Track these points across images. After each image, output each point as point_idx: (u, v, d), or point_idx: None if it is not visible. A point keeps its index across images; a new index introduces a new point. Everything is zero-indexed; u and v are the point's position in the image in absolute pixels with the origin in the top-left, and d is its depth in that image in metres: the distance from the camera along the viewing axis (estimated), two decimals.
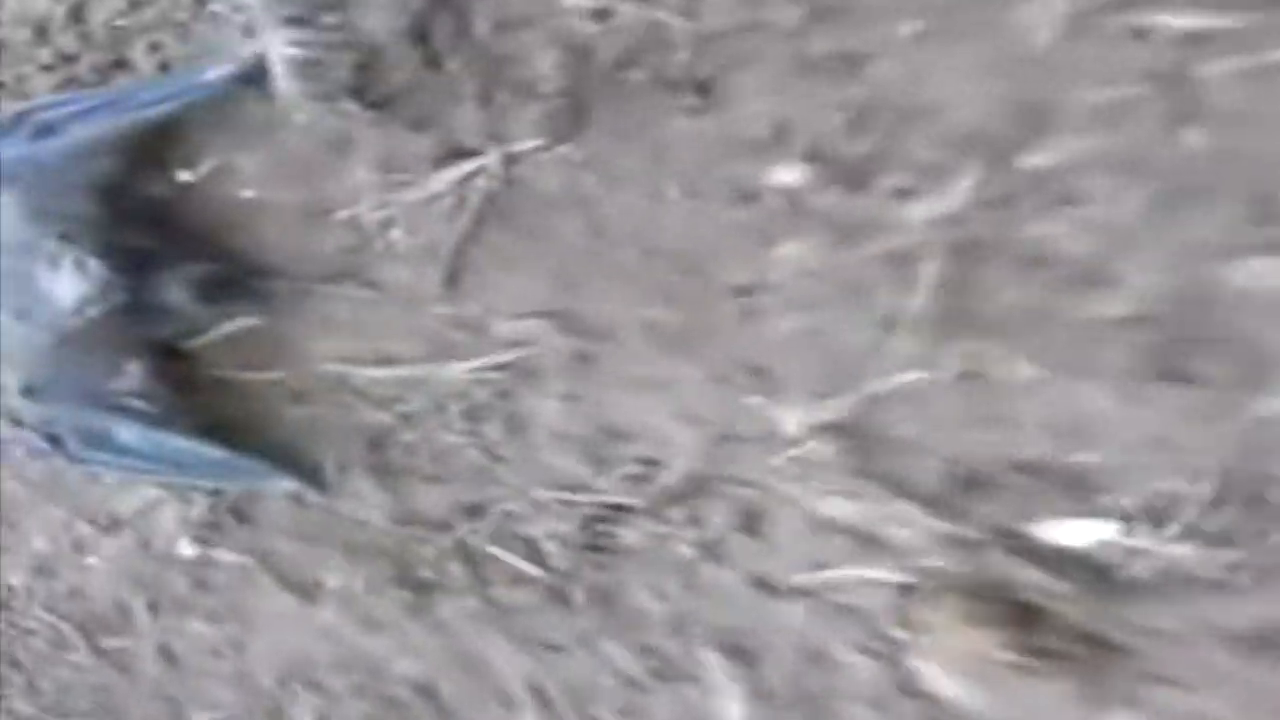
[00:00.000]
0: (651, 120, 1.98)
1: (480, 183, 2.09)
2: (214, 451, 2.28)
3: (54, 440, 2.27)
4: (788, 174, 1.89)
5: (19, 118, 2.20)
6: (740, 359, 1.97)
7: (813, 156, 1.90)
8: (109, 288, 2.09)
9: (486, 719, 2.19)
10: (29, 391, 2.18)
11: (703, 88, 1.94)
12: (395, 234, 2.18)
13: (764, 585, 2.00)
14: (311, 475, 2.31)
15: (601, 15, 1.97)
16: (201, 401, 2.35)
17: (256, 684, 2.41)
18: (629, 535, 2.08)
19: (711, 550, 2.02)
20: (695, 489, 2.03)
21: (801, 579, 1.99)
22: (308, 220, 2.23)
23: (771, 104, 1.92)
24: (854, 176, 1.88)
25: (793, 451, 1.96)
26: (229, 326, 2.32)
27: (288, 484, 2.30)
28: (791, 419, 1.94)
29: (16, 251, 2.10)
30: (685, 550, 2.04)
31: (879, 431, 1.93)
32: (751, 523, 2.01)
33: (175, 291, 2.20)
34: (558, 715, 2.14)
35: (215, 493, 2.41)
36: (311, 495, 2.30)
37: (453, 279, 2.16)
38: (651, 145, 1.99)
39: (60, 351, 2.15)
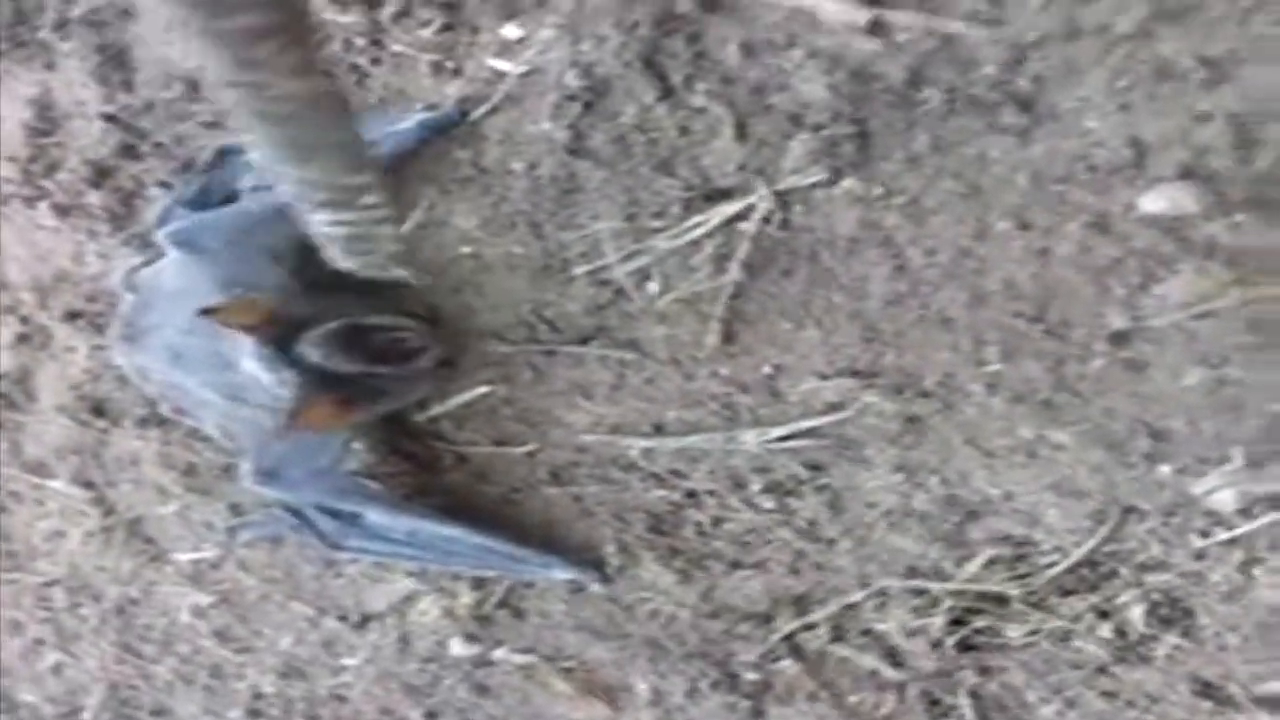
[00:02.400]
0: (960, 145, 1.77)
1: (748, 225, 1.90)
2: (476, 536, 2.21)
3: (307, 523, 2.28)
4: (1160, 199, 1.67)
5: (223, 155, 2.25)
6: (1131, 419, 1.77)
7: (1190, 177, 1.66)
8: (314, 366, 1.98)
9: None
10: (264, 476, 2.17)
11: (1025, 105, 1.72)
12: (651, 288, 2.02)
13: (1210, 694, 1.81)
14: (590, 563, 2.21)
15: (877, 30, 1.75)
16: (445, 480, 2.28)
17: None
18: (1013, 631, 1.91)
19: (1133, 650, 1.85)
20: (1094, 576, 1.86)
21: (1267, 688, 1.78)
22: (543, 276, 2.09)
23: (1120, 119, 1.69)
24: (1253, 199, 1.62)
25: (1227, 533, 1.75)
26: (464, 396, 2.23)
27: (564, 573, 2.21)
28: (1227, 494, 1.72)
29: (212, 328, 2.02)
30: (1094, 649, 1.87)
31: None
32: (1180, 618, 1.81)
33: (394, 361, 2.10)
34: None
35: (478, 584, 2.32)
36: (593, 585, 2.20)
37: (728, 335, 1.99)
38: (964, 174, 1.78)
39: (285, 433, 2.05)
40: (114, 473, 2.63)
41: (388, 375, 2.05)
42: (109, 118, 2.50)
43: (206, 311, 1.87)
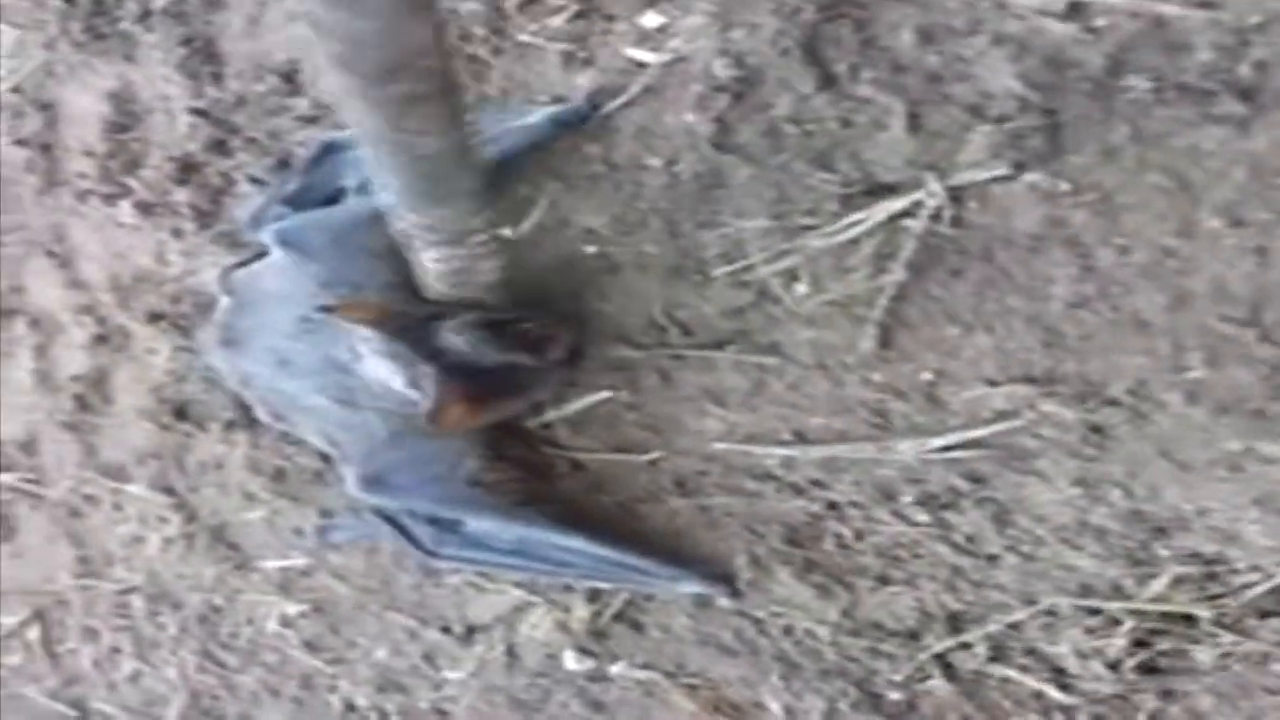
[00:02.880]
0: (1167, 137, 1.61)
1: (914, 223, 1.74)
2: (593, 546, 2.07)
3: (402, 530, 2.14)
4: None
5: (325, 152, 2.14)
6: None
7: None
8: (450, 360, 1.86)
9: None
10: (369, 483, 2.04)
11: (1245, 93, 1.56)
12: (800, 289, 1.86)
13: None
14: (719, 576, 2.06)
15: (1075, 13, 1.62)
16: (559, 488, 2.14)
17: None
18: (1202, 654, 1.76)
19: None
20: None
21: None
22: (677, 277, 1.94)
23: None
24: None
25: None
26: (583, 401, 2.08)
27: (690, 586, 2.06)
28: None
29: (322, 330, 1.93)
30: None
31: None
32: None
33: (533, 350, 1.98)
34: None
35: (594, 596, 2.17)
36: (722, 599, 2.05)
37: (886, 340, 1.83)
38: (1170, 167, 1.63)
39: (399, 438, 1.99)
40: (196, 478, 2.50)
41: (528, 367, 1.93)
42: (197, 112, 2.35)
43: (327, 309, 1.79)
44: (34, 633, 2.84)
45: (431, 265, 1.76)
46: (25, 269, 2.68)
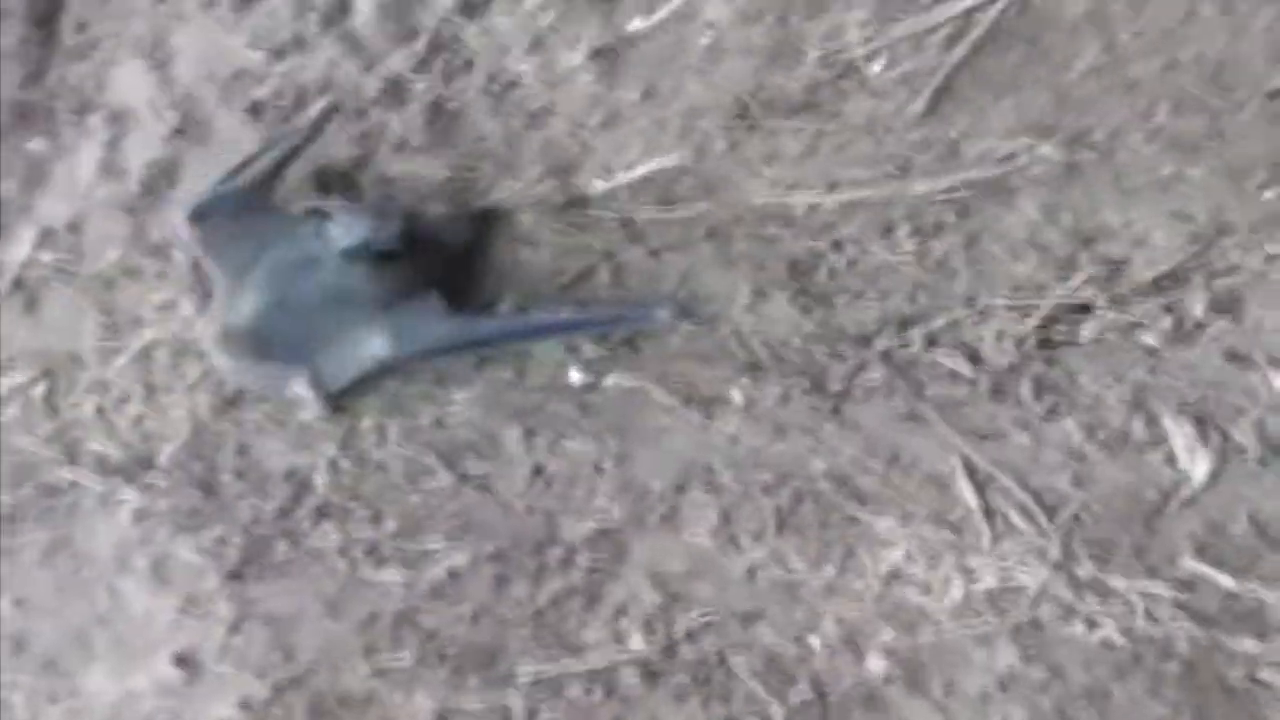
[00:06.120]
0: None
1: (990, 12, 1.86)
2: (581, 314, 2.16)
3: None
4: None
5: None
6: (1259, 156, 1.76)
7: None
8: None
9: (911, 501, 1.95)
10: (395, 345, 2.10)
11: None
12: (874, 67, 1.94)
13: (1238, 360, 1.79)
14: (684, 309, 2.10)
15: None
16: (597, 239, 2.18)
17: (644, 490, 2.11)
18: (1087, 330, 1.85)
19: (1185, 335, 1.80)
20: (1173, 284, 1.82)
21: None
22: (774, 60, 2.00)
23: None
24: None
25: None
26: (648, 166, 2.10)
27: (663, 315, 2.10)
28: None
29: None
30: (1149, 338, 1.82)
31: None
32: (1232, 307, 1.78)
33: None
34: (998, 488, 1.87)
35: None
36: (685, 324, 2.08)
37: (932, 106, 1.92)
38: None
39: (386, 308, 2.14)
40: None
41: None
42: None
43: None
44: (39, 389, 2.62)
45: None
46: (114, 70, 2.55)
